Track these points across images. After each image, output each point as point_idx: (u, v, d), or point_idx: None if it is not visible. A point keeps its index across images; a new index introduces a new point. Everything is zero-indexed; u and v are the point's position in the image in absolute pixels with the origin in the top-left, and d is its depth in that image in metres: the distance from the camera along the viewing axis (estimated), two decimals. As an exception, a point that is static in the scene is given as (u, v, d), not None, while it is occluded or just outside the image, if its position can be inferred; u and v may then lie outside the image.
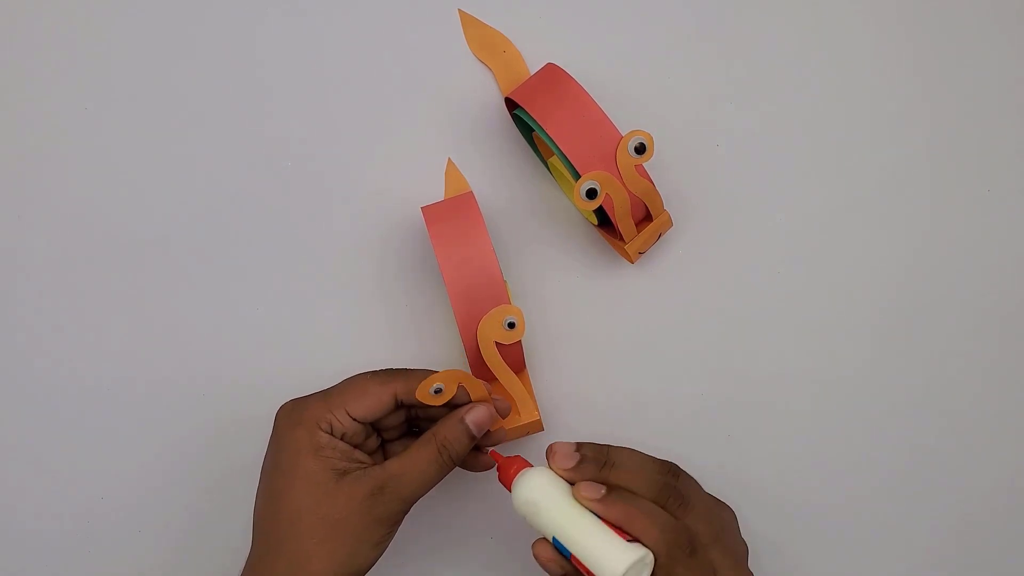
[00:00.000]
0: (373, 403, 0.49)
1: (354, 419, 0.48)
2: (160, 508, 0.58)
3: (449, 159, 0.60)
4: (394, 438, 0.52)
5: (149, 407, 0.58)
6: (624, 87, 0.60)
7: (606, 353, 0.59)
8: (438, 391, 0.48)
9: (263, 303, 0.59)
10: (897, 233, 0.60)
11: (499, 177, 0.60)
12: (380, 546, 0.48)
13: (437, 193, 0.60)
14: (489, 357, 0.52)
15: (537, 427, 0.55)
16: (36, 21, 0.62)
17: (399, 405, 0.50)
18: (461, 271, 0.52)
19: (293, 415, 0.49)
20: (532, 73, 0.58)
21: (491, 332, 0.51)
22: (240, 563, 0.50)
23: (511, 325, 0.51)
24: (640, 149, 0.53)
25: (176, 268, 0.60)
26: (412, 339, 0.59)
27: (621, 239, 0.56)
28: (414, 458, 0.48)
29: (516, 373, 0.54)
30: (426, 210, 0.54)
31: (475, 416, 0.49)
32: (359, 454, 0.48)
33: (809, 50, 0.62)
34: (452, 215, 0.53)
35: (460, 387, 0.49)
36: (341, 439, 0.48)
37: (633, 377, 0.58)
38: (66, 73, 0.61)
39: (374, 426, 0.51)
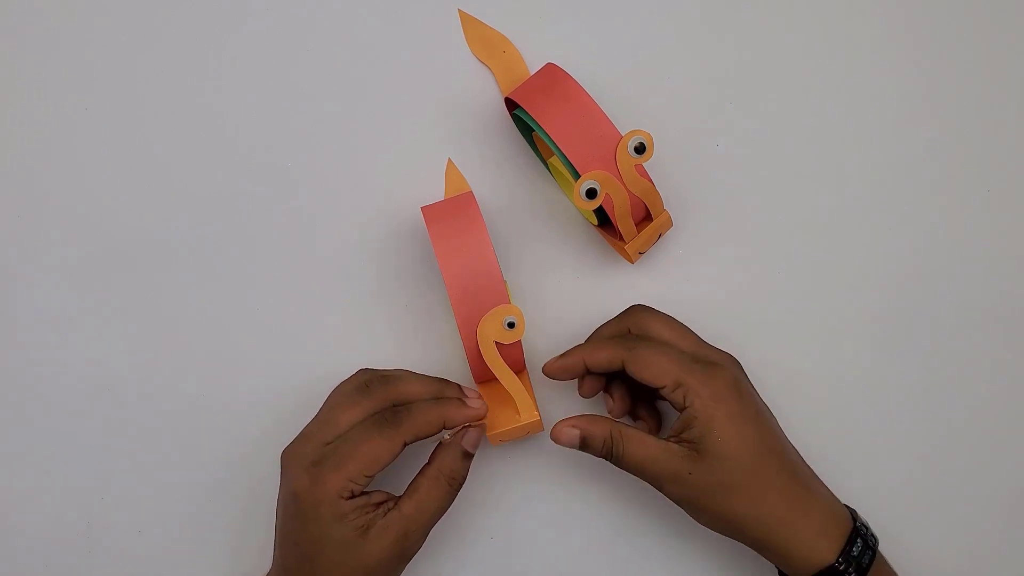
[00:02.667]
0: (387, 459, 0.50)
1: (371, 476, 0.50)
2: (160, 509, 0.58)
3: (449, 159, 0.60)
4: None
5: (149, 407, 0.58)
6: (624, 87, 0.60)
7: (606, 353, 0.59)
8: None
9: (262, 303, 0.59)
10: (898, 233, 0.60)
11: (499, 177, 0.60)
12: (403, 570, 0.52)
13: (437, 193, 0.60)
14: (489, 357, 0.52)
15: (537, 427, 0.55)
16: (37, 21, 0.62)
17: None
18: (461, 272, 0.52)
19: (313, 491, 0.49)
20: (532, 73, 0.58)
21: (491, 332, 0.51)
22: (241, 563, 0.50)
23: (511, 325, 0.51)
24: (640, 149, 0.53)
25: (175, 269, 0.60)
26: (412, 339, 0.59)
27: (621, 239, 0.56)
28: (426, 496, 0.51)
29: (516, 373, 0.54)
30: (426, 210, 0.54)
31: (471, 439, 0.52)
32: (375, 495, 0.50)
33: (809, 50, 0.62)
34: (452, 215, 0.53)
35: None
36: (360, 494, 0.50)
37: (633, 377, 0.58)
38: (66, 73, 0.61)
39: None
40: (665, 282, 0.59)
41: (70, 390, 0.59)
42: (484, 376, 0.54)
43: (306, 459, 0.50)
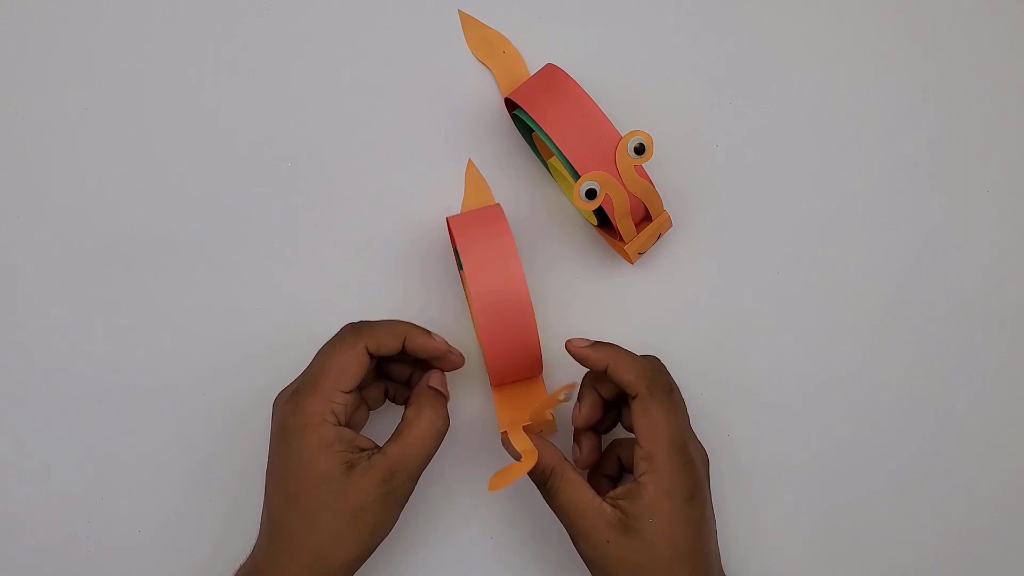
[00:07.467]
0: (355, 370, 0.50)
1: (346, 393, 0.50)
2: (160, 508, 0.58)
3: (470, 160, 0.60)
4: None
5: (150, 407, 0.59)
6: (624, 87, 0.60)
7: (606, 353, 0.59)
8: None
9: (264, 303, 0.59)
10: (897, 233, 0.60)
11: (499, 177, 0.60)
12: (395, 521, 0.50)
13: (435, 193, 0.60)
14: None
15: (551, 427, 0.55)
16: (37, 20, 0.62)
17: (371, 357, 0.51)
18: (489, 289, 0.51)
19: (296, 417, 0.49)
20: (532, 73, 0.58)
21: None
22: (242, 562, 0.50)
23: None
24: (640, 149, 0.53)
25: (176, 268, 0.60)
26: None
27: (621, 239, 0.56)
28: (411, 437, 0.50)
29: (534, 376, 0.55)
30: (453, 220, 0.54)
31: (438, 380, 0.52)
32: (361, 440, 0.50)
33: (809, 50, 0.62)
34: (481, 226, 0.53)
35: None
36: (345, 424, 0.50)
37: (633, 377, 0.59)
38: (66, 73, 0.61)
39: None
40: (665, 282, 0.59)
41: (69, 389, 0.59)
42: (501, 381, 0.55)
43: (287, 393, 0.51)
